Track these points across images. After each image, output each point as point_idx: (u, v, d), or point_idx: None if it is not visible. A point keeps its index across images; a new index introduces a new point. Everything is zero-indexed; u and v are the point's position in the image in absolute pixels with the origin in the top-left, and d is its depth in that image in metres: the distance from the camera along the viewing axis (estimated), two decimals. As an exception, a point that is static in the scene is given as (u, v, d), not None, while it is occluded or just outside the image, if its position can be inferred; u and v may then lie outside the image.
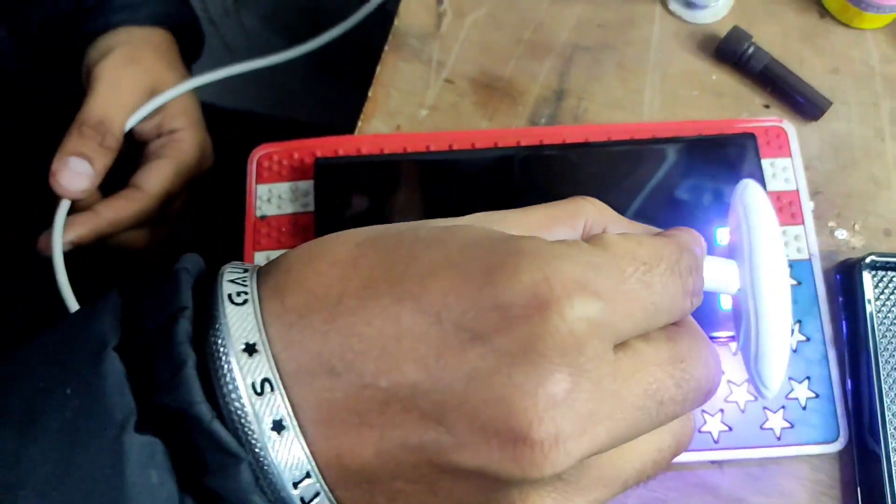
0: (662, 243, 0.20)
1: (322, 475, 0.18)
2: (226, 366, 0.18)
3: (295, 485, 0.18)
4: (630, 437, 0.19)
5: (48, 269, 0.39)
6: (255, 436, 0.17)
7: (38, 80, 0.55)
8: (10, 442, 0.17)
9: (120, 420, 0.17)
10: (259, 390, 0.18)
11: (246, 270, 0.20)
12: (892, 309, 0.40)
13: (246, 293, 0.19)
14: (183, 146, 0.46)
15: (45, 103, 0.53)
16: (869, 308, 0.39)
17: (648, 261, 0.19)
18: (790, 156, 0.43)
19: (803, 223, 0.42)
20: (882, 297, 0.41)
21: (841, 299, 0.41)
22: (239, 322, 0.18)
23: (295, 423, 0.18)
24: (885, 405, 0.38)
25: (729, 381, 0.39)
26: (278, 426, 0.18)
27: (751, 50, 0.44)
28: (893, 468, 0.38)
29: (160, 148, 0.46)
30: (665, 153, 0.41)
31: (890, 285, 0.41)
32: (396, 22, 0.46)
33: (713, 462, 0.39)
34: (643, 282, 0.19)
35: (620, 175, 0.41)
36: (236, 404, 0.18)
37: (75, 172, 0.41)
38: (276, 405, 0.18)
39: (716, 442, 0.38)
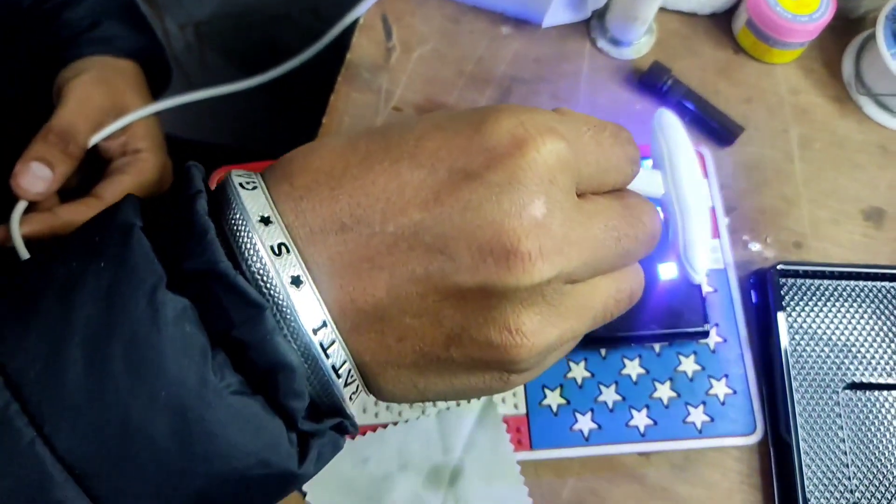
0: (605, 121, 0.24)
1: (337, 325, 0.21)
2: (245, 234, 0.20)
3: (315, 331, 0.21)
4: (596, 266, 0.23)
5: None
6: (276, 289, 0.20)
7: (11, 95, 0.58)
8: (55, 307, 0.19)
9: (152, 283, 0.19)
10: (277, 252, 0.20)
11: (253, 173, 0.23)
12: (801, 312, 0.44)
13: (254, 182, 0.22)
14: (145, 166, 0.48)
15: (15, 115, 0.55)
16: (779, 311, 0.43)
17: (597, 125, 0.23)
18: (706, 177, 0.48)
19: (719, 237, 0.46)
20: (792, 302, 0.45)
21: (755, 304, 0.45)
22: (252, 201, 0.21)
23: (310, 278, 0.21)
24: (796, 400, 0.42)
25: (654, 380, 0.43)
26: (296, 281, 0.20)
27: (670, 82, 0.49)
28: (804, 457, 0.41)
29: (124, 165, 0.48)
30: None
31: (798, 291, 0.45)
32: (349, 55, 0.50)
33: (640, 454, 0.42)
34: (595, 139, 0.23)
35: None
36: (258, 265, 0.20)
37: (35, 176, 0.43)
38: (293, 263, 0.20)
39: (642, 435, 0.41)
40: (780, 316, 0.43)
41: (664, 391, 0.42)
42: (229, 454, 0.20)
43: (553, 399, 0.42)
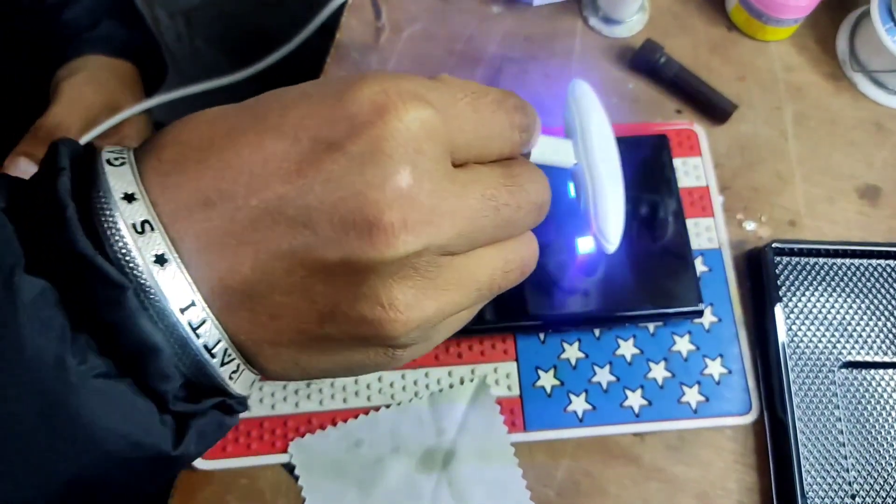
0: (490, 87, 0.23)
1: (208, 303, 0.20)
2: (107, 212, 0.20)
3: (182, 311, 0.20)
4: (474, 237, 0.22)
5: None
6: (139, 269, 0.19)
7: (10, 91, 0.58)
8: None
9: (9, 265, 0.19)
10: (140, 230, 0.20)
11: (125, 149, 0.22)
12: (796, 291, 0.44)
13: (123, 158, 0.21)
14: None
15: (13, 110, 0.56)
16: (774, 290, 0.43)
17: (477, 91, 0.22)
18: (700, 155, 0.47)
19: (713, 216, 0.46)
20: (787, 281, 0.44)
21: (749, 283, 0.45)
22: (117, 178, 0.20)
23: (176, 255, 0.20)
24: (791, 379, 0.42)
25: (648, 360, 0.42)
26: (161, 259, 0.20)
27: (663, 59, 0.48)
28: (800, 436, 0.41)
29: None
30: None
31: (794, 270, 0.45)
32: (338, 36, 0.49)
33: (635, 434, 0.41)
34: (472, 105, 0.22)
35: (545, 173, 0.44)
36: (119, 244, 0.19)
37: (22, 172, 0.43)
38: (157, 242, 0.20)
39: (637, 416, 0.41)
40: (775, 295, 0.43)
41: (659, 371, 0.42)
42: (99, 437, 0.19)
43: (547, 380, 0.41)
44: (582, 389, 0.41)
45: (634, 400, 0.41)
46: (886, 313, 0.44)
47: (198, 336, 0.20)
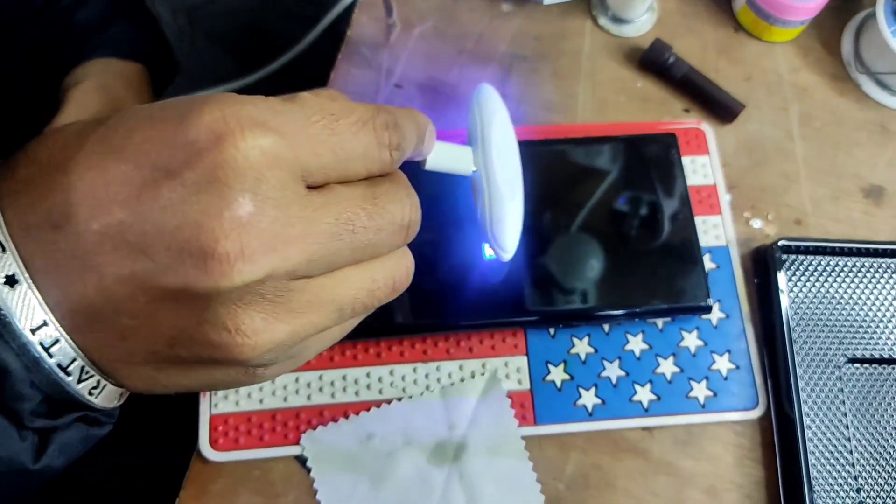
0: (358, 104, 0.23)
1: (61, 323, 0.21)
2: None
3: (33, 331, 0.20)
4: (332, 261, 0.22)
5: None
6: None
7: (15, 100, 0.58)
8: None
9: None
10: None
11: None
12: (802, 287, 0.45)
13: None
14: None
15: (23, 111, 0.56)
16: (781, 287, 0.43)
17: (337, 113, 0.22)
18: (708, 154, 0.48)
19: (721, 213, 0.46)
20: (793, 278, 0.45)
21: (756, 280, 0.45)
22: None
23: (27, 276, 0.20)
24: (798, 375, 0.42)
25: (657, 355, 0.43)
26: (11, 280, 0.20)
27: (671, 60, 0.49)
28: (807, 431, 0.41)
29: None
30: (597, 151, 0.45)
31: (800, 267, 0.45)
32: (349, 32, 0.49)
33: (644, 428, 0.42)
34: (329, 127, 0.22)
35: (557, 171, 0.45)
36: None
37: None
38: (8, 262, 0.20)
39: (646, 410, 0.42)
40: (782, 291, 0.43)
41: (667, 366, 0.42)
42: None
43: (557, 375, 0.42)
44: (591, 384, 0.42)
45: (643, 394, 0.42)
46: (892, 310, 0.44)
47: (51, 355, 0.21)
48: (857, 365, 0.43)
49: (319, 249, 0.21)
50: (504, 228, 0.32)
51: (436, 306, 0.41)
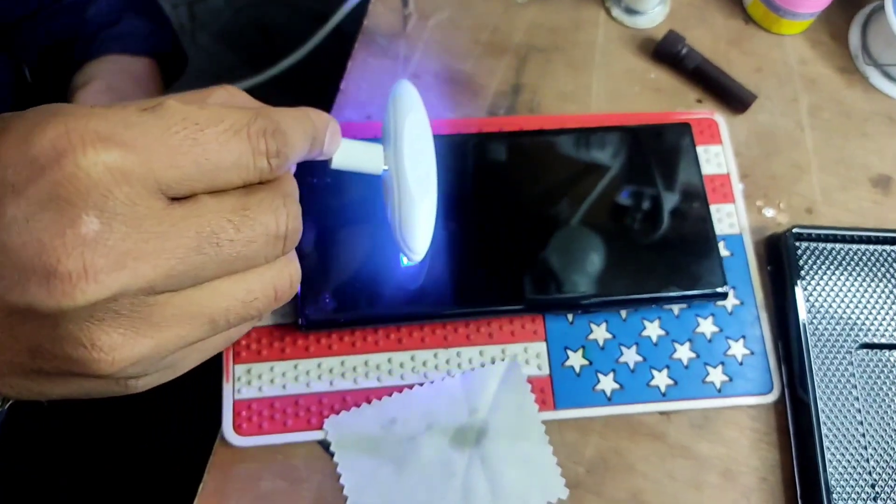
0: (230, 110, 0.22)
1: None
2: None
3: None
4: (196, 276, 0.21)
5: None
6: None
7: (29, 93, 0.58)
8: None
9: None
10: None
11: None
12: (815, 275, 0.45)
13: None
14: None
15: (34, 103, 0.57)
16: (794, 274, 0.44)
17: (203, 121, 0.21)
18: (721, 143, 0.48)
19: (734, 202, 0.47)
20: (805, 264, 0.45)
21: (770, 268, 0.46)
22: None
23: None
24: (812, 360, 0.43)
25: (673, 341, 0.43)
26: None
27: (685, 51, 0.49)
28: (821, 415, 0.42)
29: None
30: (613, 140, 0.46)
31: (812, 254, 0.46)
32: (366, 22, 0.50)
33: (661, 413, 0.42)
34: (192, 138, 0.21)
35: (572, 159, 0.45)
36: None
37: None
38: None
39: (663, 395, 0.42)
40: (795, 279, 0.44)
41: (684, 352, 0.43)
42: None
43: (576, 360, 0.42)
44: (610, 369, 0.42)
45: (661, 379, 0.42)
46: (901, 298, 0.45)
47: None
48: (868, 350, 0.44)
49: (179, 264, 0.21)
50: (413, 230, 0.31)
51: (456, 292, 0.42)
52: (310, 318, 0.40)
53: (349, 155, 0.29)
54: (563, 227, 0.43)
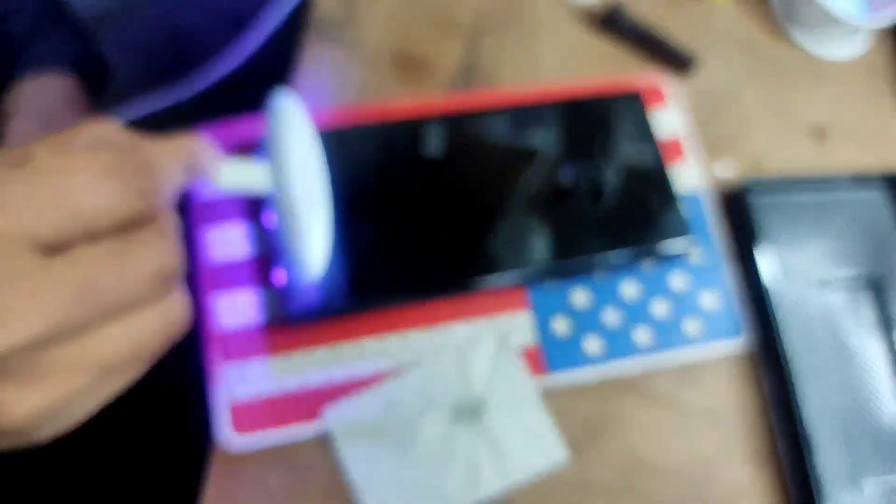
0: (99, 154, 0.22)
1: None
2: None
3: None
4: (80, 325, 0.21)
5: None
6: None
7: None
8: None
9: None
10: None
11: None
12: (770, 224, 0.48)
13: None
14: None
15: None
16: (752, 226, 0.47)
17: (70, 169, 0.22)
18: (667, 106, 0.50)
19: (686, 162, 0.49)
20: (760, 217, 0.48)
21: (729, 221, 0.49)
22: None
23: None
24: (776, 302, 0.46)
25: (649, 296, 0.45)
26: None
27: (626, 18, 0.51)
28: (786, 347, 0.45)
29: None
30: (569, 111, 0.47)
31: (766, 206, 0.49)
32: (316, 14, 0.49)
33: (645, 367, 0.44)
34: (61, 189, 0.21)
35: (530, 133, 0.46)
36: None
37: None
38: None
39: (647, 349, 0.44)
40: (754, 230, 0.47)
41: (660, 306, 0.45)
42: None
43: (560, 325, 0.44)
44: (594, 330, 0.44)
45: (642, 334, 0.44)
46: (851, 235, 0.49)
47: None
48: (824, 286, 0.47)
49: (61, 317, 0.21)
50: (303, 251, 0.31)
51: (439, 269, 0.42)
52: (297, 309, 0.40)
53: (232, 177, 0.29)
54: (530, 200, 0.44)
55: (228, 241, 0.42)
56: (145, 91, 1.09)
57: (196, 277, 0.41)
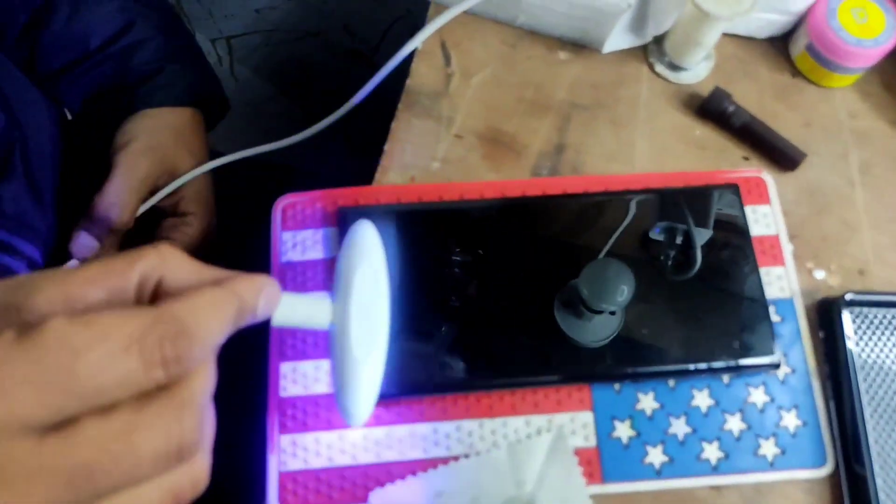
0: (122, 321, 0.21)
1: None
2: None
3: None
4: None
5: None
6: None
7: (74, 143, 0.60)
8: None
9: None
10: None
11: None
12: (869, 342, 0.44)
13: None
14: (190, 230, 0.50)
15: (80, 163, 0.58)
16: (848, 341, 0.43)
17: (83, 346, 0.20)
18: (769, 203, 0.47)
19: (784, 264, 0.46)
20: (859, 331, 0.44)
21: (822, 333, 0.45)
22: None
23: None
24: (868, 431, 0.42)
25: (723, 411, 0.42)
26: None
27: (731, 108, 0.49)
28: (879, 491, 0.41)
29: (170, 228, 0.51)
30: (659, 202, 0.45)
31: (866, 320, 0.45)
32: (409, 82, 0.50)
33: (711, 487, 0.41)
34: (60, 368, 0.20)
35: (618, 222, 0.45)
36: None
37: (83, 245, 0.47)
38: None
39: (714, 468, 0.41)
40: (850, 346, 0.43)
41: (734, 423, 0.42)
42: None
43: (623, 431, 0.42)
44: (658, 441, 0.42)
45: (711, 452, 0.41)
46: (960, 365, 0.44)
47: None
48: (928, 422, 0.43)
49: (52, 500, 0.20)
50: (352, 394, 0.30)
51: (501, 362, 0.41)
52: (355, 389, 0.40)
53: (291, 313, 0.28)
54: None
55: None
56: (269, 107, 1.14)
57: (266, 343, 0.42)
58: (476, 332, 0.42)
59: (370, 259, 0.31)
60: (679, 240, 0.45)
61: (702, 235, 0.44)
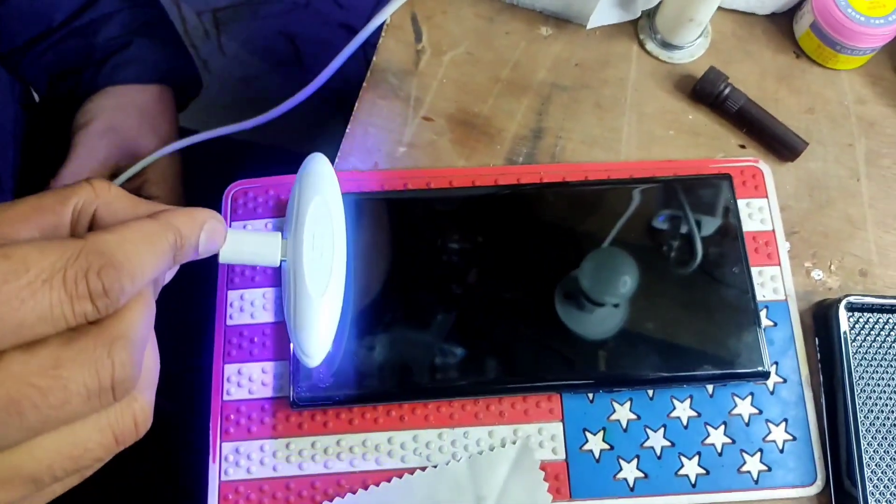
0: (42, 252, 0.20)
1: None
2: None
3: None
4: (3, 442, 0.20)
5: None
6: None
7: (37, 119, 0.58)
8: None
9: None
10: None
11: None
12: (869, 350, 0.40)
13: None
14: None
15: (41, 140, 0.56)
16: (846, 350, 0.39)
17: (7, 273, 0.20)
18: (766, 196, 0.43)
19: (779, 264, 0.42)
20: (859, 338, 0.41)
21: (817, 340, 0.41)
22: None
23: None
24: (863, 448, 0.38)
25: (706, 424, 0.39)
26: None
27: (727, 90, 0.45)
28: (872, 513, 0.37)
29: None
30: (642, 193, 0.42)
31: (866, 327, 0.41)
32: (375, 59, 0.46)
33: (690, 507, 0.38)
34: None
35: (597, 214, 0.41)
36: None
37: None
38: None
39: (693, 486, 0.38)
40: (847, 354, 0.39)
41: (717, 437, 0.39)
42: None
43: (595, 444, 0.38)
44: (633, 455, 0.38)
45: (691, 468, 0.38)
46: (968, 377, 0.40)
47: None
48: (930, 440, 0.39)
49: None
50: (307, 332, 0.29)
51: (463, 366, 0.38)
52: (303, 394, 0.37)
53: (239, 249, 0.27)
54: (579, 296, 0.39)
55: (250, 307, 0.40)
56: (259, 82, 1.10)
57: (212, 343, 0.39)
58: (435, 331, 0.39)
59: (323, 193, 0.30)
60: (664, 237, 0.41)
61: (692, 232, 0.41)
